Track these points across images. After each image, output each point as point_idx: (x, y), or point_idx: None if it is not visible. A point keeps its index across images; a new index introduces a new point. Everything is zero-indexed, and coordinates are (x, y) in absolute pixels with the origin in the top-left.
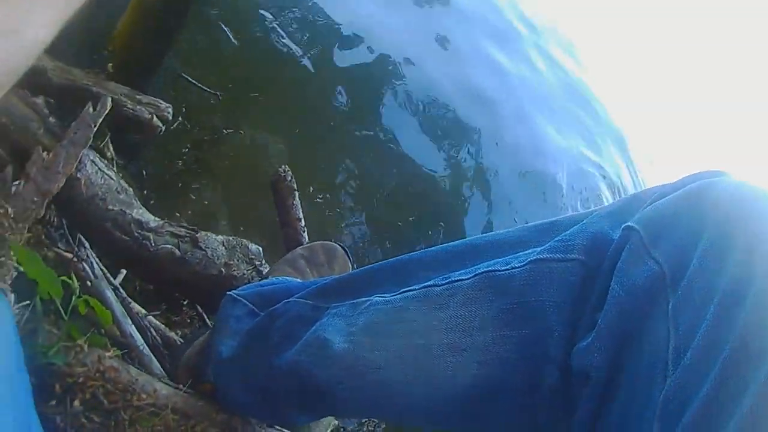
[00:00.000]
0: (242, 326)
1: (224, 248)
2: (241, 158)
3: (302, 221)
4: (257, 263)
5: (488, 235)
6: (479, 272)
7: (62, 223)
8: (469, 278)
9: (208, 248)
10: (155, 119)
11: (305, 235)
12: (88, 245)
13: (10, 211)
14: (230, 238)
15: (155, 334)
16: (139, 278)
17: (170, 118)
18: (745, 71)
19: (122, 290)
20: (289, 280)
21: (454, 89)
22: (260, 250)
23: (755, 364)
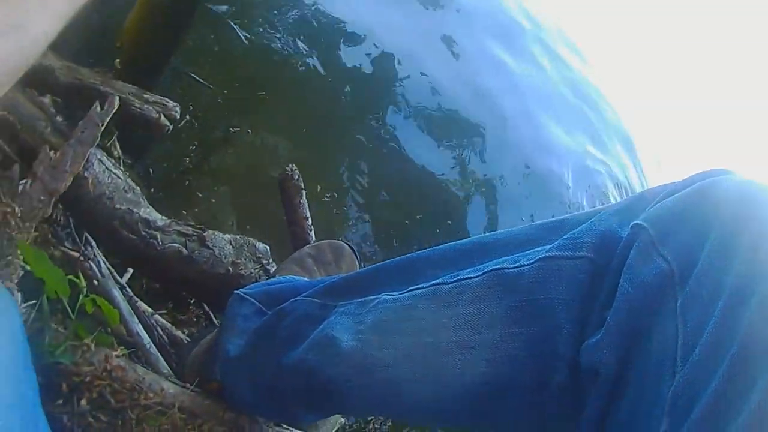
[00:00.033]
0: (250, 325)
1: (232, 247)
2: (248, 157)
3: (309, 220)
4: (264, 262)
5: (497, 233)
6: (488, 270)
7: (69, 221)
8: (477, 276)
9: (215, 247)
10: (163, 118)
11: (312, 233)
12: (94, 244)
13: (17, 210)
14: (237, 236)
15: (162, 332)
16: (145, 277)
17: (178, 117)
18: (754, 69)
19: (129, 289)
20: (296, 278)
21: (458, 88)
22: (267, 248)
23: (763, 360)
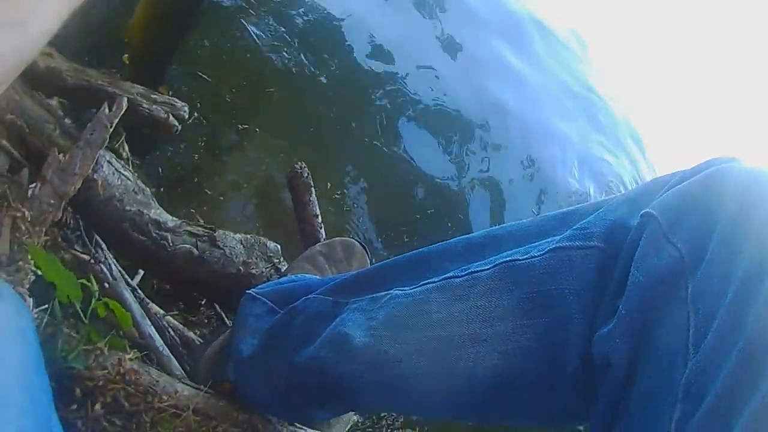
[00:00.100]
0: (262, 324)
1: (242, 246)
2: (256, 155)
3: (319, 217)
4: (276, 261)
5: (507, 225)
6: (499, 262)
7: (79, 224)
8: (488, 269)
9: (226, 247)
10: (171, 118)
11: (322, 231)
12: (105, 246)
13: (27, 214)
14: (248, 236)
15: (174, 334)
16: (156, 278)
17: (186, 117)
18: (763, 68)
19: (140, 291)
20: (308, 277)
21: (464, 87)
22: (278, 247)
23: None
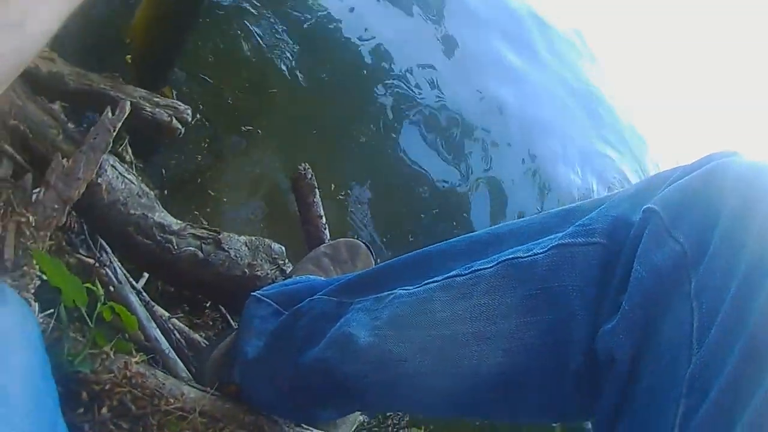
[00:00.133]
0: (267, 326)
1: (247, 248)
2: (260, 156)
3: (323, 218)
4: (280, 262)
5: (509, 223)
6: (502, 260)
7: (83, 228)
8: (491, 266)
9: (231, 249)
10: (174, 121)
11: (326, 232)
12: (109, 250)
13: (31, 219)
14: (253, 238)
15: (179, 336)
16: (161, 281)
17: (189, 119)
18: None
19: (145, 294)
20: (312, 278)
21: (464, 88)
22: (283, 249)
23: None
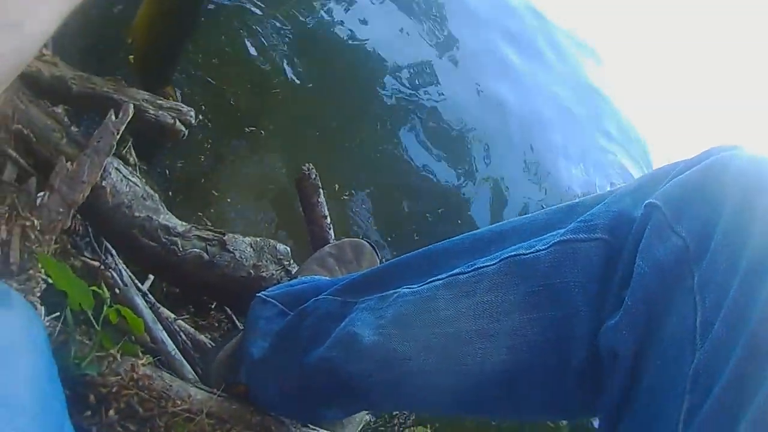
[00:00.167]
0: (273, 327)
1: (252, 249)
2: (263, 157)
3: (328, 218)
4: (286, 263)
5: (512, 220)
6: (504, 257)
7: (88, 231)
8: (494, 264)
9: (236, 250)
10: (178, 124)
11: (331, 232)
12: (114, 252)
13: (36, 223)
14: (258, 239)
15: (185, 338)
16: (166, 282)
17: (193, 121)
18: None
19: (150, 296)
20: (317, 278)
21: (466, 88)
22: (288, 249)
23: None
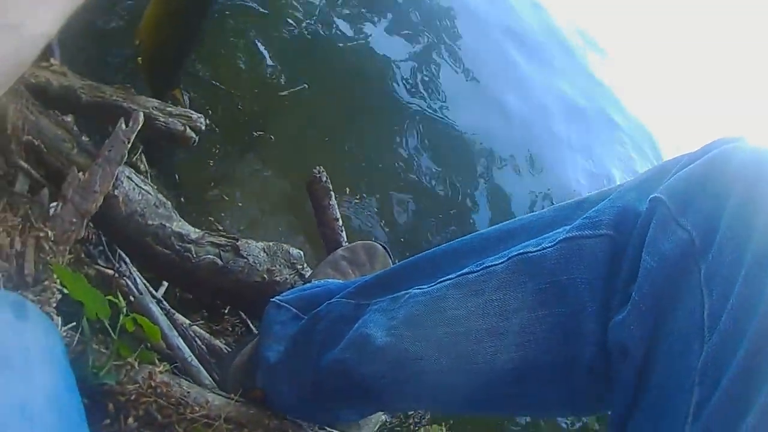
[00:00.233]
0: (287, 331)
1: (266, 254)
2: (272, 161)
3: (339, 221)
4: (299, 267)
5: (520, 218)
6: (512, 255)
7: (101, 239)
8: (502, 262)
9: (249, 256)
10: (188, 131)
11: (343, 234)
12: (128, 260)
13: (50, 234)
14: (271, 243)
15: (201, 343)
16: (180, 289)
17: (203, 128)
18: None
19: (165, 303)
20: (330, 281)
21: (472, 90)
22: (301, 253)
23: None
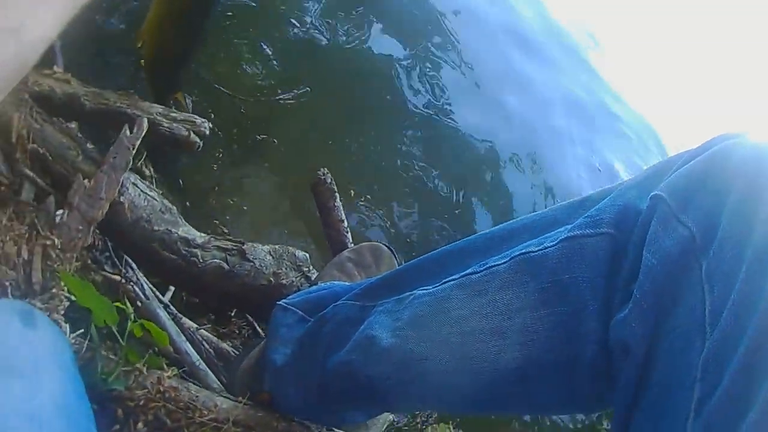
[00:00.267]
0: (294, 334)
1: (272, 257)
2: (276, 164)
3: (345, 222)
4: (305, 269)
5: (523, 218)
6: (514, 255)
7: (107, 245)
8: (505, 262)
9: (256, 259)
10: (193, 135)
11: (349, 235)
12: (135, 266)
13: (56, 241)
14: (277, 246)
15: (208, 347)
16: (187, 293)
17: (207, 133)
18: None
19: (172, 307)
20: (336, 284)
21: (475, 91)
22: (307, 256)
23: None
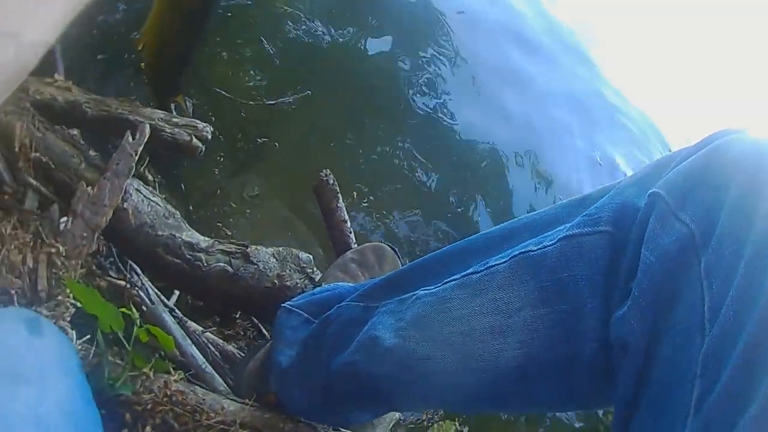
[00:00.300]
0: (298, 335)
1: (275, 260)
2: (278, 167)
3: (348, 223)
4: (309, 271)
5: (523, 217)
6: (514, 254)
7: (112, 251)
8: (505, 261)
9: (259, 262)
10: (195, 140)
11: (352, 236)
12: (140, 271)
13: (61, 249)
14: (280, 249)
15: (214, 350)
16: (191, 296)
17: (209, 137)
18: None
19: (177, 311)
20: (340, 285)
21: (477, 92)
22: (311, 257)
23: None
